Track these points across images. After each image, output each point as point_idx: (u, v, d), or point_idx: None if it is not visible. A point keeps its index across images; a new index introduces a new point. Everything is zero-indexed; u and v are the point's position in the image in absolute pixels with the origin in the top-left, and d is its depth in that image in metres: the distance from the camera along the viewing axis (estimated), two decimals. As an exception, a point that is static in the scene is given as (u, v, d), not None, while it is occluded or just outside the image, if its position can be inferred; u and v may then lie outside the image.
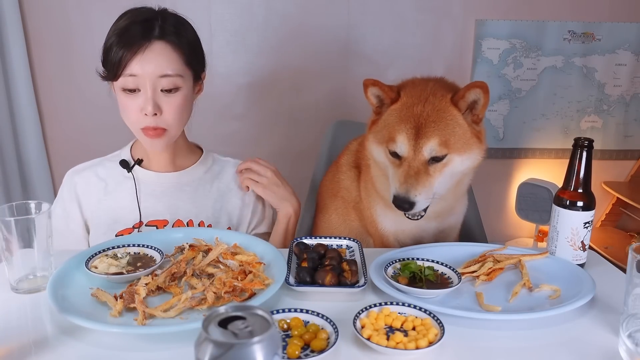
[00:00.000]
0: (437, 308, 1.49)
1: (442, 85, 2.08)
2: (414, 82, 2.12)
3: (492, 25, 4.41)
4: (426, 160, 1.93)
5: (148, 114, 1.98)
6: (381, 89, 2.06)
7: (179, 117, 2.06)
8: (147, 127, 2.02)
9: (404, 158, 1.95)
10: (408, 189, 1.91)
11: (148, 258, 1.75)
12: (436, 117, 1.94)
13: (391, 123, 2.00)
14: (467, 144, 1.97)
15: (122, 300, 1.48)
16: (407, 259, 1.76)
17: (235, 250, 1.77)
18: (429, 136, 1.92)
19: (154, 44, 1.98)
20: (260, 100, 4.38)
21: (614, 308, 1.59)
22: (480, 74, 4.48)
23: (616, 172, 4.87)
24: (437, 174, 1.95)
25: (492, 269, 1.76)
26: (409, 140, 1.93)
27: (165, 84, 1.99)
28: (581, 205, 1.79)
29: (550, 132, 4.69)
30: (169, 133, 2.07)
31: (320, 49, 4.31)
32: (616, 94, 4.66)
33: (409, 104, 1.99)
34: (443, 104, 1.96)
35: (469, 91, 1.94)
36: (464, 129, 1.96)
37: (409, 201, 1.92)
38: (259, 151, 4.30)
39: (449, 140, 1.93)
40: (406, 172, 1.93)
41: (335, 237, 1.95)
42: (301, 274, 1.64)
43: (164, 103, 2.01)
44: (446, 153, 1.93)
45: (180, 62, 2.03)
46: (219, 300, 1.51)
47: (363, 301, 1.59)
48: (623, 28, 4.50)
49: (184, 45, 2.05)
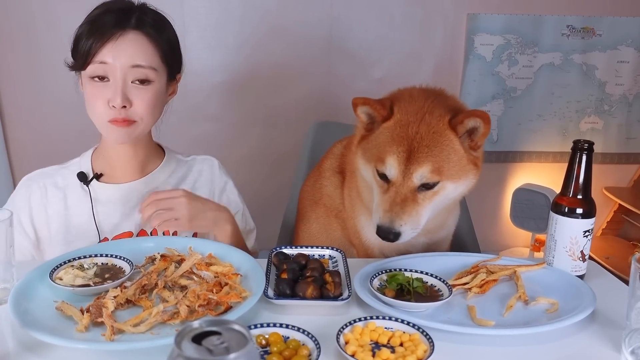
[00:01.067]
0: (427, 322, 1.49)
1: (441, 102, 2.00)
2: (411, 94, 2.05)
3: (485, 20, 4.43)
4: (415, 187, 1.89)
5: (116, 106, 1.96)
6: (372, 107, 1.99)
7: (150, 112, 2.04)
8: (116, 119, 1.99)
9: (392, 182, 1.91)
10: (393, 219, 1.87)
11: (117, 269, 1.75)
12: (431, 140, 1.88)
13: (382, 142, 1.96)
14: (462, 170, 1.93)
15: (88, 314, 1.48)
16: (394, 270, 1.76)
17: (210, 260, 1.77)
18: (420, 162, 1.87)
19: (128, 33, 1.98)
20: (236, 99, 4.39)
21: (616, 322, 1.60)
22: (473, 71, 4.50)
23: (618, 176, 4.90)
24: (427, 202, 1.91)
25: (485, 280, 1.77)
26: (398, 164, 1.89)
27: (136, 75, 1.99)
28: (581, 212, 1.80)
29: (548, 134, 4.71)
30: (138, 125, 2.04)
31: (301, 45, 4.32)
32: (618, 93, 4.69)
33: (403, 122, 1.93)
34: (440, 126, 1.90)
35: (468, 118, 1.88)
36: (460, 155, 1.92)
37: (394, 232, 1.87)
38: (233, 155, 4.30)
39: (442, 166, 1.88)
40: (392, 199, 1.89)
41: (317, 247, 1.95)
42: (281, 286, 1.64)
43: (134, 96, 1.99)
44: (438, 180, 1.89)
45: (155, 55, 2.03)
46: (192, 314, 1.51)
47: (347, 315, 1.59)
48: (625, 23, 4.53)
49: (162, 40, 2.05)
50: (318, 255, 1.92)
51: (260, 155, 4.44)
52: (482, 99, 4.57)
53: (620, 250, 4.72)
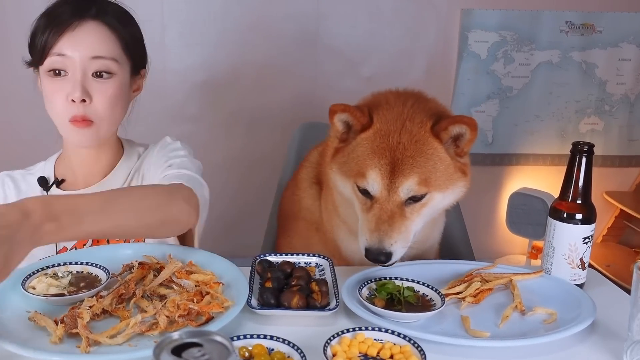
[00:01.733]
0: (418, 334, 1.49)
1: (421, 106, 1.96)
2: (388, 100, 2.00)
3: (480, 15, 4.45)
4: (402, 201, 1.85)
5: (75, 100, 1.93)
6: (353, 115, 1.93)
7: (111, 109, 2.02)
8: (76, 117, 1.96)
9: (375, 198, 1.86)
10: (382, 238, 1.81)
11: (92, 277, 1.74)
12: (414, 150, 1.85)
13: (361, 155, 1.91)
14: (450, 179, 1.90)
15: (63, 325, 1.47)
16: (384, 279, 1.76)
17: (191, 268, 1.76)
18: (406, 174, 1.83)
19: (87, 23, 1.96)
20: (217, 99, 4.39)
21: (617, 334, 1.60)
22: (467, 70, 4.52)
23: (619, 180, 4.92)
24: (415, 216, 1.87)
25: (479, 289, 1.77)
26: (382, 179, 1.84)
27: (97, 66, 1.96)
28: (580, 218, 1.80)
29: (545, 136, 4.73)
30: (97, 126, 2.01)
31: (285, 42, 4.33)
32: (619, 93, 4.71)
33: (383, 132, 1.89)
34: (422, 133, 1.87)
35: (453, 125, 1.85)
36: (447, 164, 1.88)
37: (384, 252, 1.80)
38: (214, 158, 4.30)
39: (429, 177, 1.85)
40: (378, 217, 1.84)
41: (303, 254, 1.95)
42: (265, 296, 1.64)
43: (94, 90, 1.97)
44: (426, 192, 1.85)
45: (117, 45, 2.01)
46: (172, 325, 1.51)
47: (335, 326, 1.59)
48: (627, 18, 4.55)
49: (124, 30, 2.04)
50: (304, 263, 1.92)
51: (243, 158, 4.44)
52: (476, 98, 4.59)
53: (621, 258, 4.73)
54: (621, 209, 4.78)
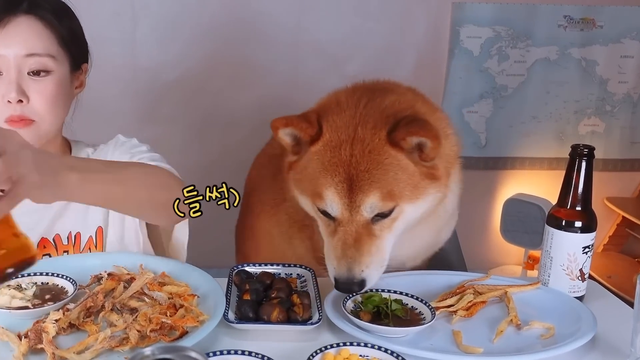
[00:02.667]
0: (407, 350, 1.50)
1: (375, 107, 1.86)
2: (339, 101, 1.91)
3: (472, 9, 4.46)
4: (367, 220, 1.77)
5: (11, 100, 1.91)
6: (297, 128, 1.84)
7: (51, 108, 2.00)
8: (12, 117, 1.95)
9: (338, 220, 1.79)
10: (350, 266, 1.73)
11: (58, 289, 1.74)
12: (369, 163, 1.75)
13: (314, 172, 1.82)
14: (418, 188, 1.80)
15: (27, 340, 1.47)
16: (370, 291, 1.77)
17: (164, 279, 1.77)
18: (365, 191, 1.74)
19: (19, 18, 1.94)
20: (191, 99, 4.38)
21: (619, 350, 1.61)
22: (458, 68, 4.53)
23: (621, 186, 4.94)
24: (386, 233, 1.79)
25: (472, 302, 1.77)
26: (340, 198, 1.76)
27: (32, 64, 1.95)
28: (579, 226, 1.81)
29: (543, 138, 4.74)
30: (38, 125, 1.99)
31: (265, 38, 4.33)
32: (621, 92, 4.73)
33: (334, 143, 1.79)
34: (376, 142, 1.77)
35: (410, 137, 1.75)
36: (410, 172, 1.79)
37: (355, 281, 1.73)
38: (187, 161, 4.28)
39: (392, 190, 1.75)
40: (343, 242, 1.76)
41: (284, 265, 1.95)
42: (243, 309, 1.65)
43: (31, 90, 1.95)
44: (394, 205, 1.77)
45: (53, 41, 2.00)
46: (143, 340, 1.52)
47: (317, 341, 1.60)
48: (629, 13, 4.57)
49: (61, 24, 2.02)
50: (285, 274, 1.92)
51: (219, 162, 4.43)
52: (468, 98, 4.60)
53: (623, 269, 4.74)
54: (623, 217, 4.79)
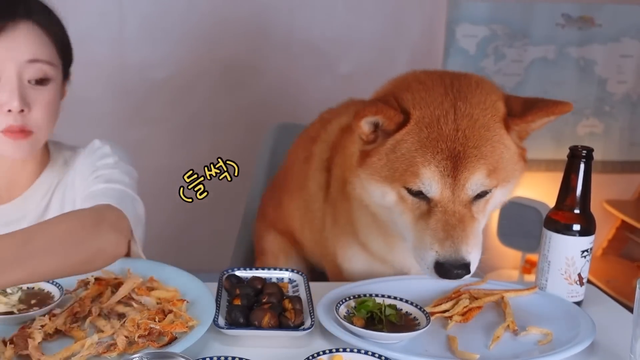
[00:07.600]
0: (401, 356, 1.51)
1: (464, 84, 1.80)
2: (419, 80, 1.83)
3: (468, 7, 4.46)
4: (470, 199, 1.72)
5: (13, 109, 1.88)
6: (385, 115, 1.73)
7: (49, 118, 2.00)
8: (12, 127, 1.91)
9: (435, 201, 1.71)
10: (458, 247, 1.66)
11: (44, 294, 1.74)
12: (480, 139, 1.70)
13: (407, 153, 1.72)
14: (514, 170, 1.79)
15: (12, 347, 1.48)
16: (363, 296, 1.76)
17: (152, 284, 1.77)
18: (472, 168, 1.68)
19: (18, 24, 1.90)
20: (180, 99, 4.38)
21: (618, 356, 1.61)
22: (454, 67, 4.52)
23: (621, 188, 4.94)
24: (481, 216, 1.75)
25: (468, 307, 1.78)
26: (442, 176, 1.68)
27: (34, 72, 1.92)
28: (578, 229, 1.81)
29: (540, 140, 4.74)
30: (36, 138, 1.98)
31: (256, 36, 4.32)
32: (620, 92, 4.74)
33: (428, 120, 1.71)
34: (488, 118, 1.72)
35: (540, 118, 1.77)
36: (512, 152, 1.77)
37: (464, 263, 1.66)
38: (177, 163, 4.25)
39: (497, 168, 1.71)
40: (445, 222, 1.68)
41: (276, 269, 1.95)
42: (233, 314, 1.65)
43: (32, 99, 1.93)
44: (496, 185, 1.73)
45: (52, 47, 1.98)
46: (131, 347, 1.52)
47: (309, 347, 1.60)
48: (629, 11, 4.58)
49: (56, 30, 2.01)
50: (276, 279, 1.92)
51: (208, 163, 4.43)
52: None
53: (623, 273, 4.75)
54: (623, 220, 4.80)
